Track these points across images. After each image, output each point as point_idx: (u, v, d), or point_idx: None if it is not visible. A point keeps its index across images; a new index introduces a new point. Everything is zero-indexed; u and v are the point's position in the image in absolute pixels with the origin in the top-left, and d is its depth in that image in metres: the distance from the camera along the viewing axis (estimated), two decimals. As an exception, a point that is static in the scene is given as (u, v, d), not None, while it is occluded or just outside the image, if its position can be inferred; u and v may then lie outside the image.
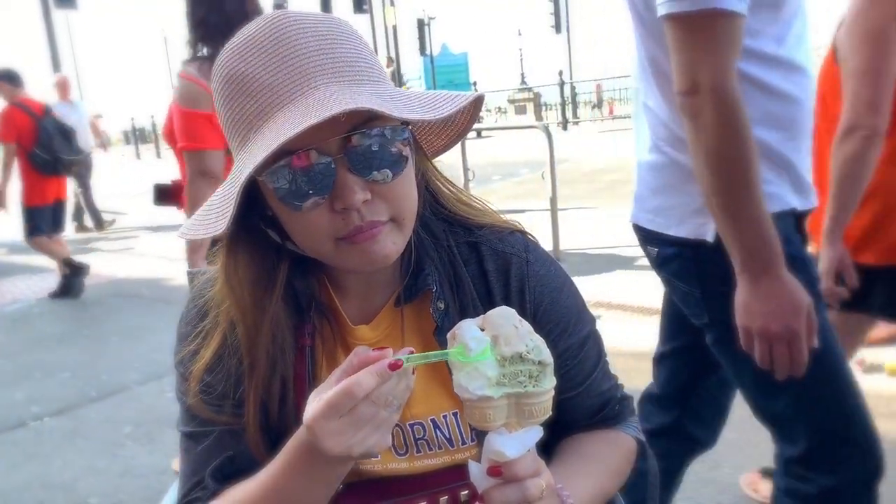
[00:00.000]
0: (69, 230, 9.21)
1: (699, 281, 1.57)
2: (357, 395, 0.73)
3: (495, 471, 0.81)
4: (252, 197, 0.92)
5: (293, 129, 0.78)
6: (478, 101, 0.97)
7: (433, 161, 1.07)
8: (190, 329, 1.02)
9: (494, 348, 0.80)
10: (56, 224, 7.01)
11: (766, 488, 2.50)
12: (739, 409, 3.33)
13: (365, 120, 0.85)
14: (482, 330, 0.81)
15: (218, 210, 0.89)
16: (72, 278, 6.74)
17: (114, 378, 4.63)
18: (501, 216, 1.11)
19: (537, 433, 0.83)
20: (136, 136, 27.08)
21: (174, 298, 6.39)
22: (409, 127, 0.91)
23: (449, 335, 0.82)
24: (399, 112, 0.83)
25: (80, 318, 6.29)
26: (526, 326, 0.82)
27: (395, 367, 0.76)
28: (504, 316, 0.81)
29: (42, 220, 6.78)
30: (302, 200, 0.86)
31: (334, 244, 0.89)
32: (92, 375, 4.66)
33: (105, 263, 7.52)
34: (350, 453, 0.78)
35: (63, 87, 9.13)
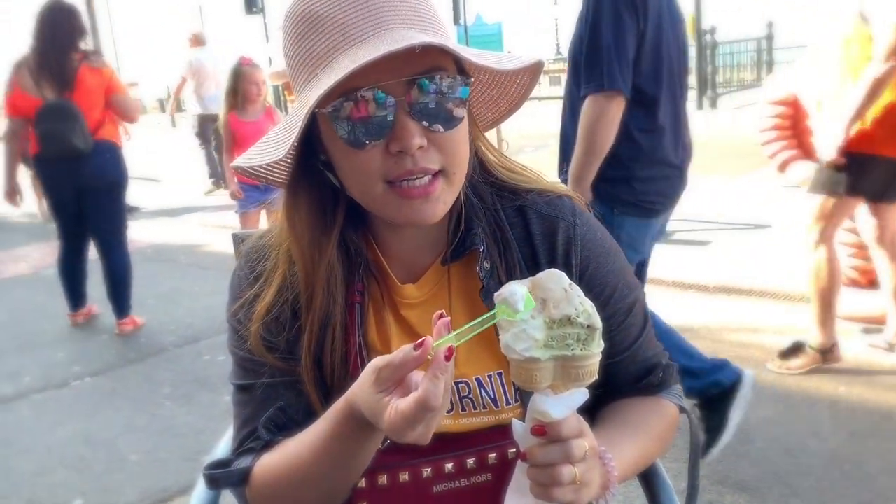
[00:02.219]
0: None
1: None
2: (435, 405, 0.75)
3: (539, 430, 0.82)
4: (310, 142, 0.95)
5: (365, 58, 0.80)
6: (535, 72, 0.98)
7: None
8: (245, 282, 1.05)
9: (543, 311, 0.80)
10: None
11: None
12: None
13: (429, 69, 0.88)
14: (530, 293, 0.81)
15: (275, 141, 0.92)
16: None
17: (151, 340, 4.75)
18: (549, 181, 1.10)
19: (583, 396, 0.82)
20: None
21: (210, 264, 6.49)
22: (470, 81, 0.93)
23: (494, 297, 0.82)
24: (467, 55, 0.87)
25: (119, 282, 6.41)
26: (576, 290, 0.81)
27: (449, 356, 0.76)
28: (553, 279, 0.80)
29: None
30: (361, 137, 0.88)
31: (384, 188, 0.91)
32: (130, 337, 4.77)
33: (142, 229, 7.62)
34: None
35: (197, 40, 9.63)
